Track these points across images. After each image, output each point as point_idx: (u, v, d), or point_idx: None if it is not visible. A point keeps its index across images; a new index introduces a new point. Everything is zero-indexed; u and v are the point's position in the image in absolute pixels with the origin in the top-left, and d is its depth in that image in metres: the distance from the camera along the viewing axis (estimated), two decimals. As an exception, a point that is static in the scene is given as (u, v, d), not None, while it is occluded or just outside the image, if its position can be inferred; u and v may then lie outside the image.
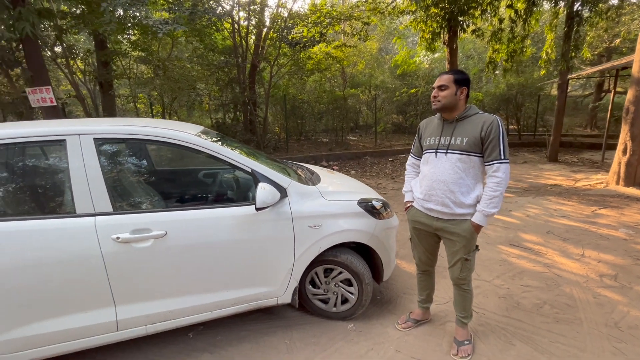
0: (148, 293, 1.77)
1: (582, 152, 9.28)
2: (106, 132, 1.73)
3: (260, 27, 9.25)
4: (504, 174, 1.67)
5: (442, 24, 6.83)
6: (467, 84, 1.77)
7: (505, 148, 1.67)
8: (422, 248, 2.03)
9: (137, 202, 1.78)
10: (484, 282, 2.73)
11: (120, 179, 1.77)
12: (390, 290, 2.65)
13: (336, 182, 2.56)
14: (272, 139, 9.42)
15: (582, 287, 2.60)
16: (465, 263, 1.85)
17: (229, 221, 1.85)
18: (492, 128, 1.67)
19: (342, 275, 2.18)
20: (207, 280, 1.87)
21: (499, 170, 1.67)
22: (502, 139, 1.67)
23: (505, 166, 1.67)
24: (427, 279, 2.15)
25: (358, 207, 2.19)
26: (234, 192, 2.00)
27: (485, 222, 1.74)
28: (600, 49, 12.11)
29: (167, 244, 1.73)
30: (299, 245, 2.00)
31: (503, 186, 1.68)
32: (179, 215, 1.78)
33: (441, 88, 1.74)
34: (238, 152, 2.05)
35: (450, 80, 1.74)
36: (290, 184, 2.02)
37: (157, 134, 1.80)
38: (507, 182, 1.71)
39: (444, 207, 1.79)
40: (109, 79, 8.73)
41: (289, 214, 1.97)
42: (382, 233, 2.25)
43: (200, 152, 1.88)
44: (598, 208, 4.43)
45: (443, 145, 1.78)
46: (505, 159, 1.67)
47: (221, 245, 1.84)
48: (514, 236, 3.63)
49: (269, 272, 2.00)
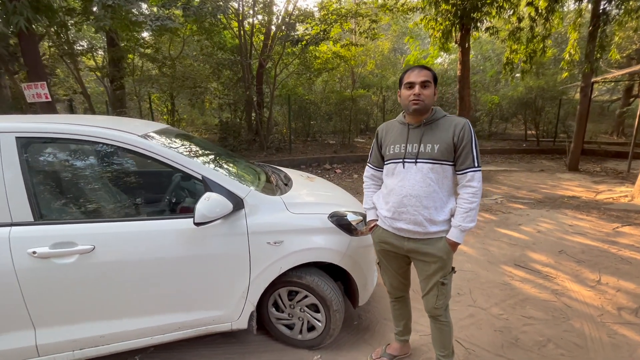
0: (74, 315, 1.55)
1: (606, 161, 8.63)
2: (32, 130, 1.52)
3: (268, 25, 9.09)
4: (479, 182, 1.48)
5: (453, 21, 6.43)
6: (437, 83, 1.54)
7: (477, 154, 1.48)
8: (392, 272, 1.75)
9: (62, 211, 1.56)
10: (480, 309, 2.39)
11: (47, 184, 1.56)
12: (369, 314, 2.35)
13: (310, 191, 2.28)
14: (275, 140, 9.20)
15: (595, 323, 2.22)
16: (441, 288, 1.57)
17: (170, 235, 1.61)
18: (465, 132, 1.46)
19: (308, 299, 1.91)
20: (144, 302, 1.63)
21: (474, 179, 1.47)
22: (475, 144, 1.48)
23: (479, 175, 1.48)
24: (402, 306, 1.85)
25: (329, 221, 1.91)
26: (181, 202, 1.77)
27: (462, 238, 1.49)
28: (630, 51, 11.31)
29: (95, 260, 1.51)
30: (256, 264, 1.74)
31: (478, 197, 1.48)
32: (111, 227, 1.55)
33: (425, 85, 1.47)
34: (201, 156, 1.81)
35: (431, 77, 1.48)
36: (249, 193, 1.77)
37: (92, 133, 1.58)
38: (481, 191, 1.48)
39: (416, 226, 1.52)
40: (118, 76, 8.75)
41: (244, 228, 1.71)
42: (357, 252, 1.96)
43: (144, 155, 1.65)
44: (620, 225, 3.97)
45: (411, 154, 1.52)
46: (479, 166, 1.48)
47: (161, 263, 1.60)
48: (521, 255, 3.25)
49: (220, 294, 1.74)
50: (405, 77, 1.51)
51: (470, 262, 3.11)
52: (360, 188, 6.19)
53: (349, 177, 7.10)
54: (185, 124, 12.31)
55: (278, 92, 10.17)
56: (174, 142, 2.00)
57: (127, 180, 1.68)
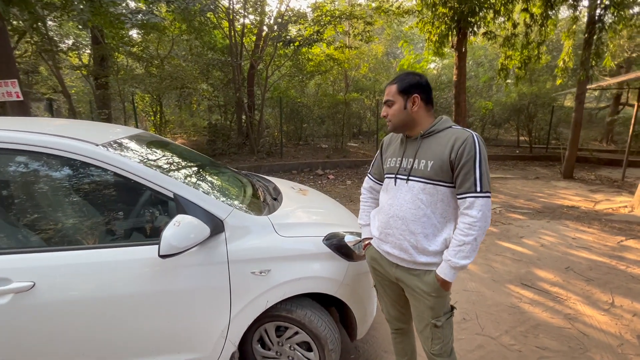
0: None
1: (598, 168, 8.60)
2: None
3: (259, 26, 8.82)
4: (480, 212, 1.17)
5: (450, 25, 6.28)
6: (420, 88, 1.28)
7: (482, 176, 1.18)
8: (389, 299, 1.53)
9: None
10: (489, 339, 2.16)
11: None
12: (367, 346, 2.09)
13: (302, 207, 2.02)
14: (266, 143, 8.91)
15: (616, 355, 2.02)
16: (435, 331, 1.32)
17: (131, 267, 1.33)
18: (465, 148, 1.19)
19: (299, 336, 1.64)
20: (98, 348, 1.34)
21: (473, 207, 1.18)
22: (479, 163, 1.18)
23: (481, 202, 1.17)
24: (403, 340, 1.61)
25: (324, 245, 1.65)
26: (146, 225, 1.49)
27: (452, 276, 1.22)
28: (620, 59, 11.43)
29: (34, 301, 1.21)
30: (238, 298, 1.47)
31: (477, 229, 1.17)
32: (55, 258, 1.26)
33: (388, 104, 1.33)
34: (177, 168, 1.53)
35: (394, 92, 1.30)
36: (231, 213, 1.50)
37: (36, 142, 1.30)
38: (486, 224, 1.19)
39: (402, 252, 1.31)
40: (102, 74, 8.34)
41: (225, 255, 1.44)
42: (356, 279, 1.71)
43: (101, 168, 1.37)
44: (624, 239, 3.82)
45: (404, 169, 1.31)
46: (483, 191, 1.18)
47: (119, 301, 1.31)
48: (526, 272, 3.05)
49: (194, 334, 1.47)
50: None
51: (474, 281, 2.89)
52: (354, 195, 5.97)
53: (342, 184, 6.86)
54: (173, 126, 11.90)
55: (269, 95, 9.89)
56: (144, 150, 1.73)
57: (78, 200, 1.39)
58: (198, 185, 1.62)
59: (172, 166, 1.74)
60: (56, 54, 7.48)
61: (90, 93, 10.97)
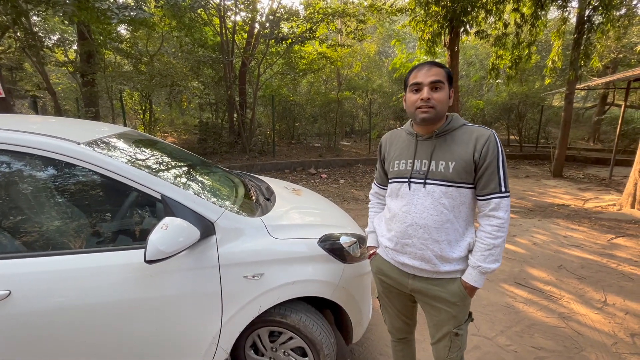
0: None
1: (587, 167, 8.76)
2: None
3: (251, 23, 8.71)
4: (505, 212, 1.15)
5: (443, 24, 6.29)
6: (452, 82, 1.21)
7: (505, 176, 1.15)
8: (394, 311, 1.44)
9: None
10: (485, 339, 2.14)
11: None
12: (363, 349, 2.05)
13: (296, 208, 1.96)
14: (258, 142, 8.82)
15: (610, 354, 2.02)
16: (454, 339, 1.26)
17: (114, 273, 1.26)
18: (489, 148, 1.13)
19: (293, 342, 1.59)
20: (84, 358, 1.26)
21: (500, 208, 1.14)
22: (502, 164, 1.14)
23: (506, 202, 1.15)
24: (404, 348, 1.56)
25: (319, 247, 1.60)
26: (131, 228, 1.42)
27: (482, 282, 1.17)
28: (607, 60, 11.65)
29: (10, 310, 1.14)
30: (229, 303, 1.41)
31: (505, 230, 1.15)
32: (32, 264, 1.18)
33: (436, 87, 1.15)
34: (165, 167, 1.46)
35: (444, 75, 1.16)
36: (222, 214, 1.43)
37: (13, 141, 1.21)
38: (509, 223, 1.16)
39: (423, 263, 1.21)
40: (89, 71, 8.11)
41: (215, 259, 1.38)
42: (352, 282, 1.66)
43: (84, 169, 1.29)
44: (614, 237, 3.87)
45: (419, 172, 1.20)
46: (506, 191, 1.15)
47: (102, 309, 1.24)
48: (520, 271, 3.05)
49: (184, 341, 1.40)
50: (410, 78, 1.19)
51: (469, 280, 2.87)
52: (347, 195, 5.93)
53: (335, 183, 6.82)
54: (163, 124, 11.69)
55: (261, 93, 9.79)
56: (131, 149, 1.65)
57: (59, 202, 1.31)
58: (187, 186, 1.56)
59: (160, 166, 1.67)
60: (41, 50, 7.24)
61: (76, 90, 10.69)
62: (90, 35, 7.86)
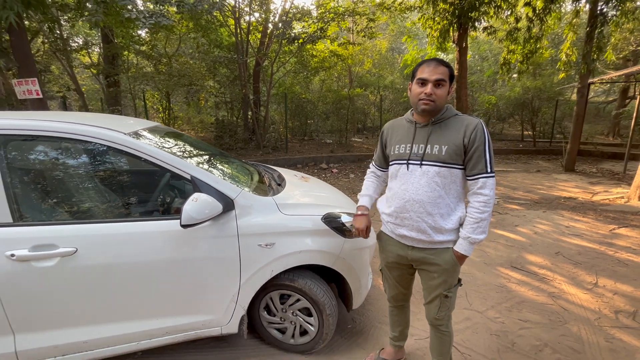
0: (55, 320, 1.49)
1: (602, 162, 8.65)
2: (11, 127, 1.46)
3: (264, 23, 9.01)
4: (491, 190, 1.35)
5: (451, 20, 6.39)
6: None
7: (491, 159, 1.35)
8: (393, 282, 1.68)
9: (43, 213, 1.50)
10: (476, 312, 2.35)
11: (27, 184, 1.49)
12: (363, 318, 2.30)
13: (303, 191, 2.23)
14: (272, 139, 9.13)
15: (592, 327, 2.19)
16: (444, 300, 1.49)
17: (157, 238, 1.55)
18: (477, 133, 1.34)
19: (300, 303, 1.86)
20: (128, 306, 1.57)
21: (485, 187, 1.35)
22: (488, 148, 1.35)
23: (491, 181, 1.35)
24: (400, 313, 1.80)
25: (322, 223, 1.86)
26: (169, 203, 1.71)
27: (471, 251, 1.39)
28: (626, 52, 11.34)
29: (77, 264, 1.45)
30: (246, 267, 1.69)
31: (491, 206, 1.36)
32: (94, 229, 1.49)
33: (439, 84, 1.35)
34: (191, 155, 1.75)
35: (447, 75, 1.36)
36: (240, 193, 1.71)
37: (76, 131, 1.52)
38: (494, 200, 1.37)
39: (420, 234, 1.42)
40: (113, 73, 8.63)
41: (235, 230, 1.66)
42: (351, 254, 1.91)
43: (130, 154, 1.59)
44: (617, 227, 3.95)
45: (416, 155, 1.42)
46: (491, 172, 1.35)
47: (146, 266, 1.54)
48: (517, 257, 3.22)
49: (209, 298, 1.69)
50: (418, 72, 1.38)
51: (466, 264, 3.06)
52: (357, 188, 6.16)
53: (345, 177, 7.05)
54: (182, 122, 12.19)
55: (275, 91, 10.09)
56: (162, 140, 1.94)
57: (112, 180, 1.62)
58: (211, 170, 1.84)
59: (186, 153, 1.96)
60: (70, 53, 7.77)
61: (99, 91, 11.30)
62: (114, 38, 8.36)
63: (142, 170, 1.66)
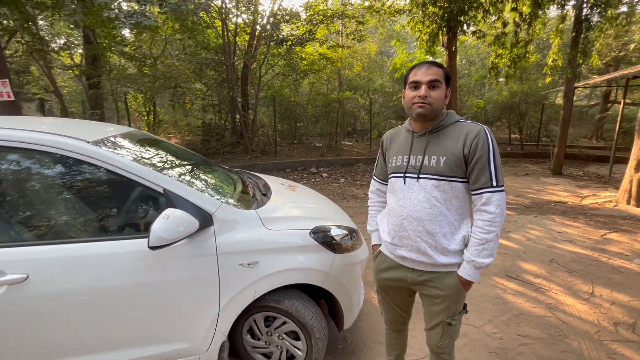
0: (3, 356, 1.30)
1: (587, 165, 8.78)
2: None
3: (252, 25, 8.85)
4: (498, 207, 1.16)
5: (440, 24, 6.37)
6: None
7: (497, 170, 1.17)
8: (391, 305, 1.51)
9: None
10: (473, 328, 2.24)
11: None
12: (355, 336, 2.16)
13: (290, 202, 2.08)
14: (260, 142, 8.95)
15: (593, 341, 2.11)
16: (447, 328, 1.33)
17: (121, 259, 1.38)
18: (479, 142, 1.17)
19: (287, 326, 1.70)
20: (89, 338, 1.39)
21: (490, 203, 1.17)
22: (493, 158, 1.17)
23: (497, 196, 1.17)
24: (397, 336, 1.65)
25: (310, 238, 1.71)
26: (137, 219, 1.54)
27: (477, 276, 1.21)
28: (608, 58, 11.63)
29: (28, 292, 1.26)
30: (226, 289, 1.52)
31: (498, 225, 1.17)
32: (48, 251, 1.31)
33: (434, 85, 1.21)
34: (167, 164, 1.58)
35: (442, 75, 1.22)
36: (220, 207, 1.55)
37: (29, 139, 1.34)
38: (503, 218, 1.19)
39: (420, 255, 1.26)
40: (94, 74, 8.31)
41: (213, 248, 1.49)
42: (342, 271, 1.77)
43: (93, 165, 1.41)
44: (608, 232, 3.93)
45: (413, 167, 1.26)
46: (499, 185, 1.17)
47: (111, 292, 1.36)
48: (512, 265, 3.14)
49: (184, 324, 1.52)
50: (410, 75, 1.25)
51: (461, 274, 2.97)
52: (347, 193, 6.04)
53: (335, 182, 6.93)
54: (167, 125, 11.88)
55: (263, 94, 9.93)
56: (135, 148, 1.77)
57: (72, 195, 1.44)
58: (187, 181, 1.67)
59: (162, 163, 1.79)
60: (47, 54, 7.44)
61: (82, 93, 10.91)
62: (96, 39, 8.05)
63: (109, 183, 1.48)
